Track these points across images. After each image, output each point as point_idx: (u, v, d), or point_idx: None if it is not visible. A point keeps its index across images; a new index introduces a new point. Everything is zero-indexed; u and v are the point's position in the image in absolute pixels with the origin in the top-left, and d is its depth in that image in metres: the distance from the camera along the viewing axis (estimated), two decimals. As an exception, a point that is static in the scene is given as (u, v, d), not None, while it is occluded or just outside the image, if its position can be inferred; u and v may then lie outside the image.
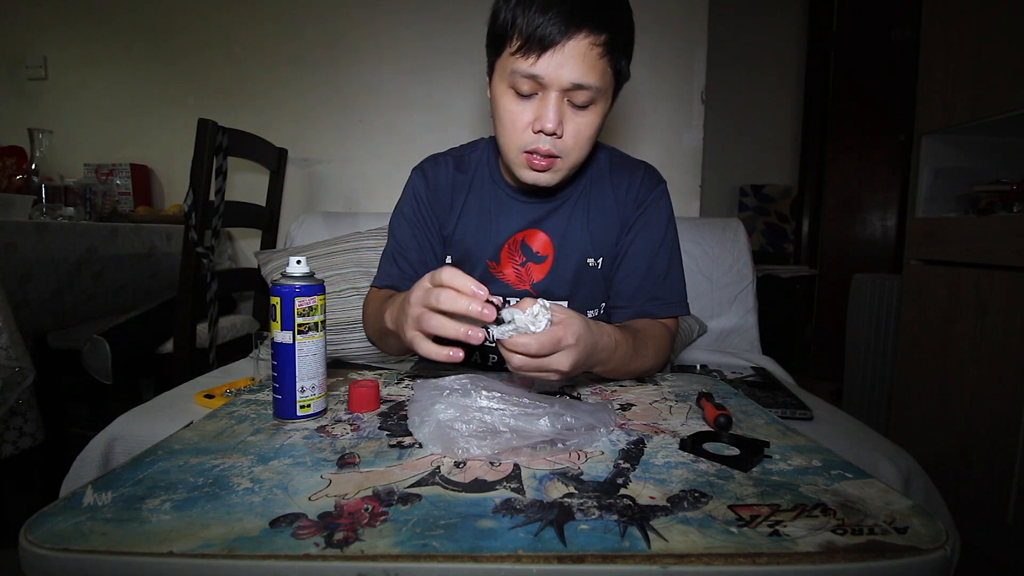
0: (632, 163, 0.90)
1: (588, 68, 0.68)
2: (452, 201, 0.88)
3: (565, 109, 0.71)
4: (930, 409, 1.52)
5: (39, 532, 0.37)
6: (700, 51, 1.73)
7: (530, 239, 0.86)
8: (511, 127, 0.73)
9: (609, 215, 0.86)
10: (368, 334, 0.87)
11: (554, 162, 0.74)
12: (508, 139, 0.75)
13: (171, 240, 1.76)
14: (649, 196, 0.86)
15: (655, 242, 0.85)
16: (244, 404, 0.66)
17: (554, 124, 0.70)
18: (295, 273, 0.60)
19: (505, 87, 0.72)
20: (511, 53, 0.70)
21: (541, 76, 0.68)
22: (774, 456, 0.51)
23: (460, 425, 0.52)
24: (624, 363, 0.71)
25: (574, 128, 0.72)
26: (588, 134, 0.74)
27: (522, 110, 0.72)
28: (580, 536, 0.37)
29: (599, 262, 0.86)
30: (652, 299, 0.84)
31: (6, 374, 1.12)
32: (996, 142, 1.57)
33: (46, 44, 1.95)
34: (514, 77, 0.70)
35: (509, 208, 0.86)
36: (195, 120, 1.33)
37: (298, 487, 0.44)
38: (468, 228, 0.87)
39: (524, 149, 0.73)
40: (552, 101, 0.69)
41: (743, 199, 2.95)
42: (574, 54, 0.67)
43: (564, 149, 0.73)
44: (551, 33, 0.66)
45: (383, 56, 1.82)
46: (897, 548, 0.36)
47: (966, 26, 1.45)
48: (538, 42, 0.67)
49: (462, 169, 0.89)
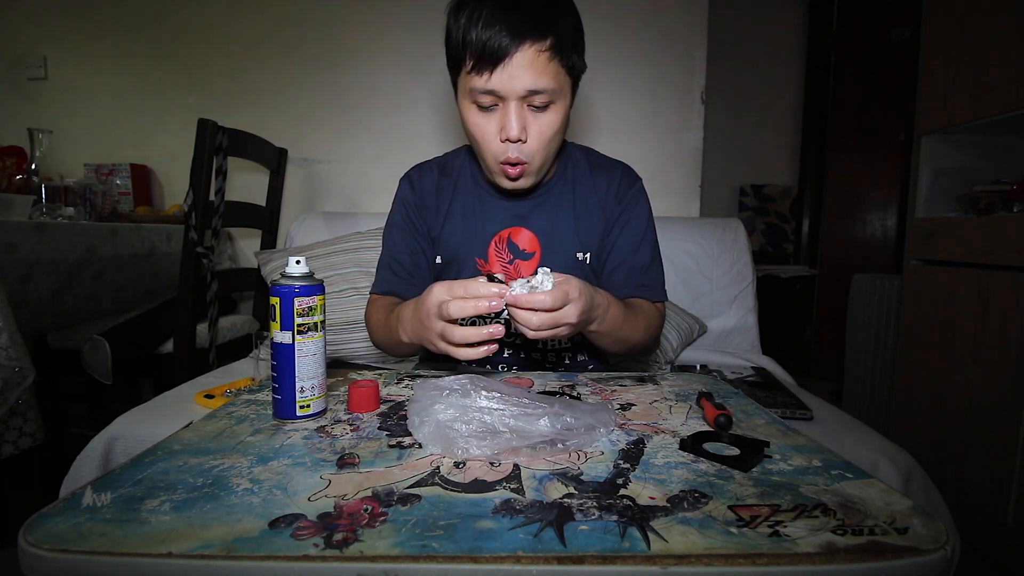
0: (610, 162, 0.95)
1: (539, 73, 0.72)
2: (438, 204, 0.92)
3: (526, 114, 0.76)
4: (930, 409, 1.51)
5: (38, 533, 0.37)
6: (700, 51, 1.73)
7: (515, 236, 0.89)
8: (483, 140, 0.79)
9: (594, 212, 0.91)
10: (376, 340, 0.89)
11: (524, 168, 0.79)
12: (484, 151, 0.80)
13: (171, 240, 1.76)
14: (628, 194, 0.91)
15: (638, 236, 0.90)
16: (244, 404, 0.66)
17: (517, 131, 0.75)
18: (295, 273, 0.60)
19: (469, 103, 0.78)
20: (467, 72, 0.75)
21: (497, 90, 0.73)
22: (774, 456, 0.51)
23: (460, 425, 0.52)
24: (617, 324, 0.75)
25: (537, 130, 0.77)
26: (550, 133, 0.78)
27: (487, 122, 0.77)
28: (580, 537, 0.37)
29: (587, 257, 0.90)
30: (639, 287, 0.89)
31: (6, 374, 1.12)
32: (996, 142, 1.57)
33: (46, 44, 1.95)
34: (474, 94, 0.75)
35: (492, 207, 0.90)
36: (195, 120, 1.33)
37: (297, 487, 0.44)
38: (455, 228, 0.91)
39: (499, 160, 0.79)
40: (512, 110, 0.74)
41: (743, 199, 2.95)
42: (523, 63, 0.72)
43: (530, 152, 0.78)
44: (498, 48, 0.71)
45: (383, 56, 1.82)
46: (897, 548, 0.36)
47: (966, 26, 1.45)
48: (488, 58, 0.72)
49: (446, 173, 0.94)
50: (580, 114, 1.74)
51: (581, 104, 1.74)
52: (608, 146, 1.01)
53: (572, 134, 0.91)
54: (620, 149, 1.72)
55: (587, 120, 1.76)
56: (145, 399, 1.05)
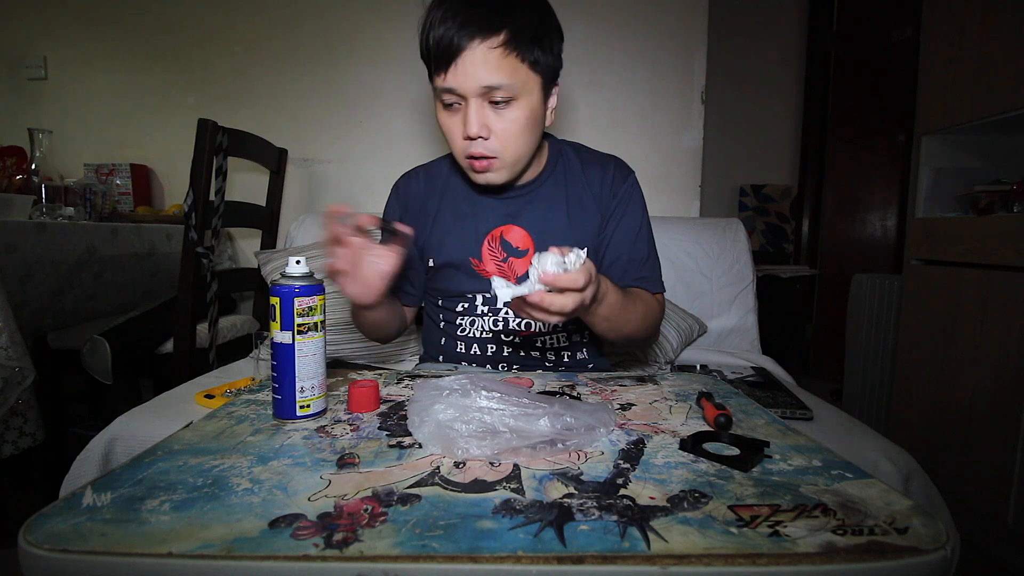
0: (602, 157, 0.95)
1: (492, 69, 0.73)
2: (425, 208, 0.94)
3: (487, 112, 0.76)
4: (930, 409, 1.51)
5: (38, 533, 0.37)
6: (700, 51, 1.73)
7: (507, 234, 0.89)
8: (450, 137, 0.81)
9: (588, 207, 0.91)
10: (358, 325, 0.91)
11: (492, 162, 0.80)
12: (453, 148, 0.82)
13: (171, 240, 1.75)
14: (622, 187, 0.92)
15: (634, 229, 0.91)
16: (244, 404, 0.66)
17: (475, 128, 0.76)
18: (295, 273, 0.60)
19: (438, 103, 0.80)
20: (432, 74, 0.77)
21: (454, 87, 0.75)
22: (774, 456, 0.51)
23: (460, 425, 0.52)
24: (617, 307, 0.76)
25: (501, 126, 0.77)
26: (516, 129, 0.78)
27: (454, 121, 0.79)
28: (580, 537, 0.37)
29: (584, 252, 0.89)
30: (638, 279, 0.90)
31: (6, 374, 1.12)
32: (996, 142, 1.57)
33: (46, 44, 1.95)
34: (439, 94, 0.78)
35: (483, 206, 0.91)
36: (195, 120, 1.33)
37: (297, 487, 0.44)
38: (446, 230, 0.92)
39: (465, 155, 0.80)
40: (471, 108, 0.75)
41: (743, 199, 2.95)
42: (474, 60, 0.73)
43: (496, 148, 0.79)
44: (449, 47, 0.73)
45: (383, 56, 1.81)
46: (897, 548, 0.36)
47: (966, 26, 1.44)
48: (443, 58, 0.74)
49: (432, 176, 0.95)
50: (580, 114, 1.74)
51: (581, 104, 1.74)
52: (608, 146, 1.01)
53: (573, 133, 0.91)
54: (620, 149, 1.71)
55: (587, 120, 1.76)
56: (145, 399, 1.05)
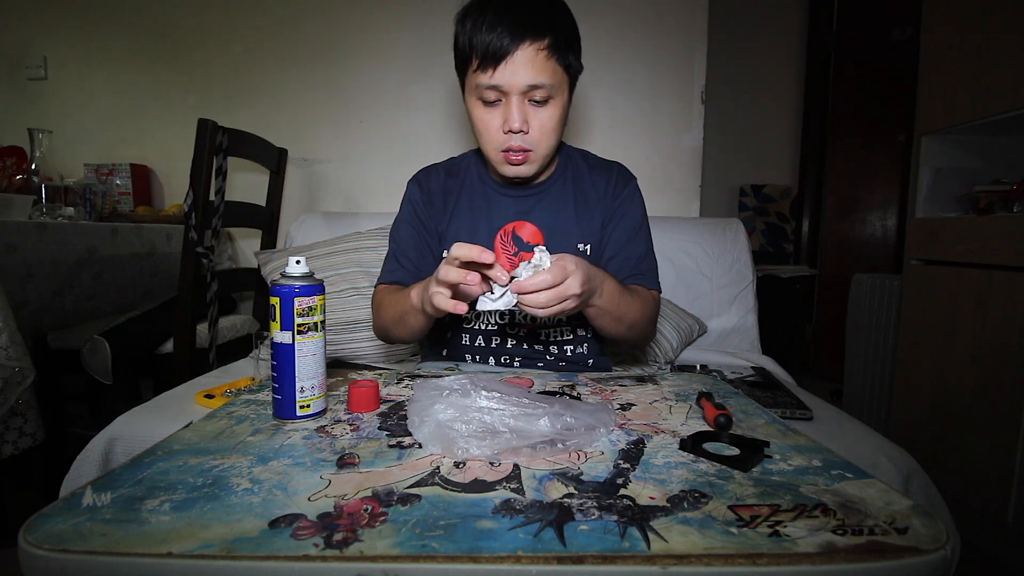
0: (607, 163, 1.02)
1: (539, 70, 0.80)
2: (444, 203, 0.99)
3: (527, 108, 0.83)
4: (930, 409, 1.51)
5: (38, 533, 0.37)
6: (700, 51, 1.73)
7: (519, 229, 0.93)
8: (486, 132, 0.86)
9: (593, 207, 0.97)
10: (381, 324, 0.93)
11: (528, 155, 0.86)
12: (486, 143, 0.87)
13: (171, 240, 1.75)
14: (624, 191, 0.98)
15: (632, 229, 0.96)
16: (244, 404, 0.66)
17: (519, 123, 0.82)
18: (295, 273, 0.60)
19: (475, 100, 0.85)
20: (473, 71, 0.82)
21: (500, 85, 0.80)
22: (774, 456, 0.51)
23: (460, 425, 0.52)
24: (615, 299, 0.79)
25: (538, 122, 0.84)
26: (551, 125, 0.85)
27: (492, 116, 0.84)
28: (580, 537, 0.37)
29: (587, 248, 0.95)
30: (634, 275, 0.94)
31: (6, 374, 1.12)
32: (996, 142, 1.57)
33: (46, 44, 1.95)
34: (480, 90, 0.82)
35: (497, 203, 0.97)
36: (195, 120, 1.33)
37: (297, 487, 0.44)
38: (461, 225, 0.97)
39: (500, 149, 0.86)
40: (514, 104, 0.81)
41: (743, 199, 2.95)
42: (523, 60, 0.79)
43: (533, 142, 0.85)
44: (501, 47, 0.78)
45: (383, 56, 1.81)
46: (897, 548, 0.36)
47: (966, 26, 1.44)
48: (492, 57, 0.79)
49: (452, 174, 1.01)
50: (580, 114, 1.74)
51: (581, 104, 1.74)
52: (608, 146, 1.02)
53: (573, 133, 0.92)
54: (620, 149, 1.73)
55: (587, 120, 1.76)
56: (145, 399, 1.05)
